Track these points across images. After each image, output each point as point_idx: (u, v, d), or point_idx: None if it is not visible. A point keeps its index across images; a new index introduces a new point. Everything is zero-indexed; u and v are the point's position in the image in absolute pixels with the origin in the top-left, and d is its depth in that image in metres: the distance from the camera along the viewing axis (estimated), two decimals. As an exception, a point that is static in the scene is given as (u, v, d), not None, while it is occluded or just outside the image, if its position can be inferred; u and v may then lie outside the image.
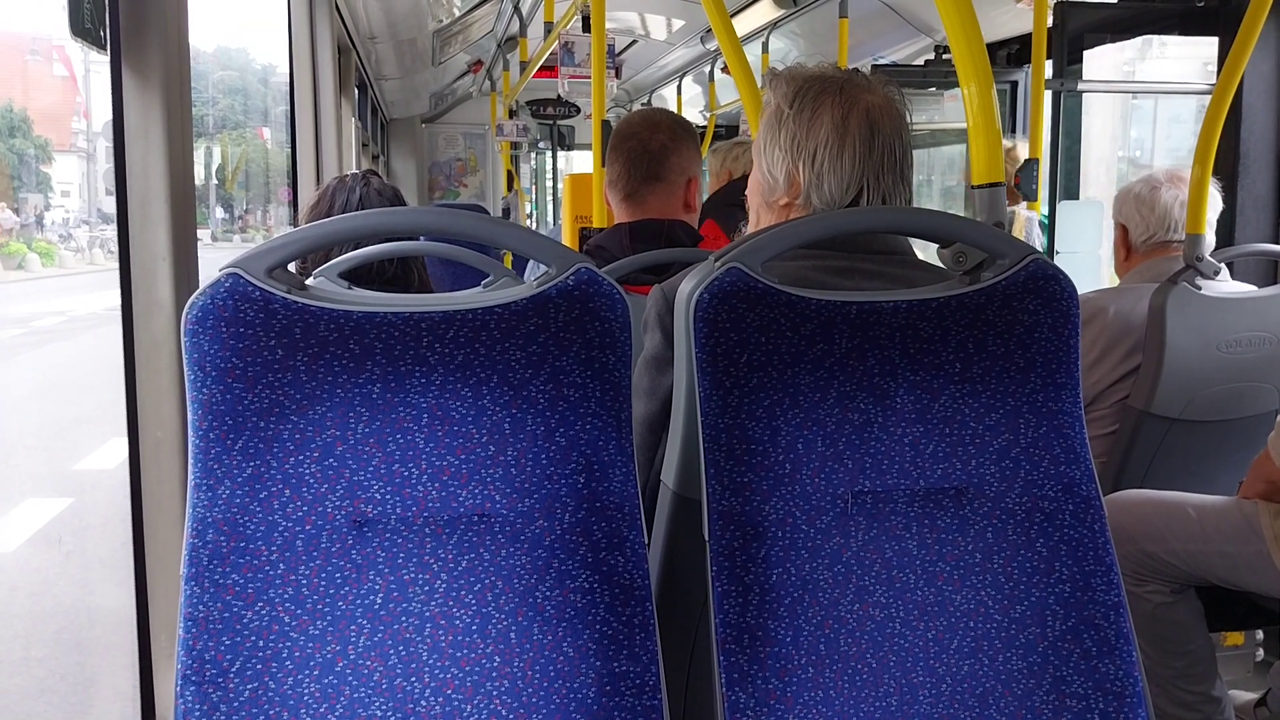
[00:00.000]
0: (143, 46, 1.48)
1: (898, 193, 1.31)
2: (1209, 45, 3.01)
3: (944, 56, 4.21)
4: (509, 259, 3.20)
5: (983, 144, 1.25)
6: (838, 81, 1.31)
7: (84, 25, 1.35)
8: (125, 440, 1.59)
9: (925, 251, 1.37)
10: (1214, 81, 2.26)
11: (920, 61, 4.52)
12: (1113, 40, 3.51)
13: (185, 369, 1.01)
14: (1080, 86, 3.33)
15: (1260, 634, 2.28)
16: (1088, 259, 3.20)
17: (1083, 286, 1.59)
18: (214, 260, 1.08)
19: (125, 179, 1.49)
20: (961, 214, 1.35)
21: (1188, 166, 2.15)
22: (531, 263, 1.98)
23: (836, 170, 1.29)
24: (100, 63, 1.49)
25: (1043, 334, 1.13)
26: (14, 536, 4.65)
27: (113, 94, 1.49)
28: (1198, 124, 2.12)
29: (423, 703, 1.03)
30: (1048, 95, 2.97)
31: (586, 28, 3.89)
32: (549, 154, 9.65)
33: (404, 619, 1.03)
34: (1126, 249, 2.35)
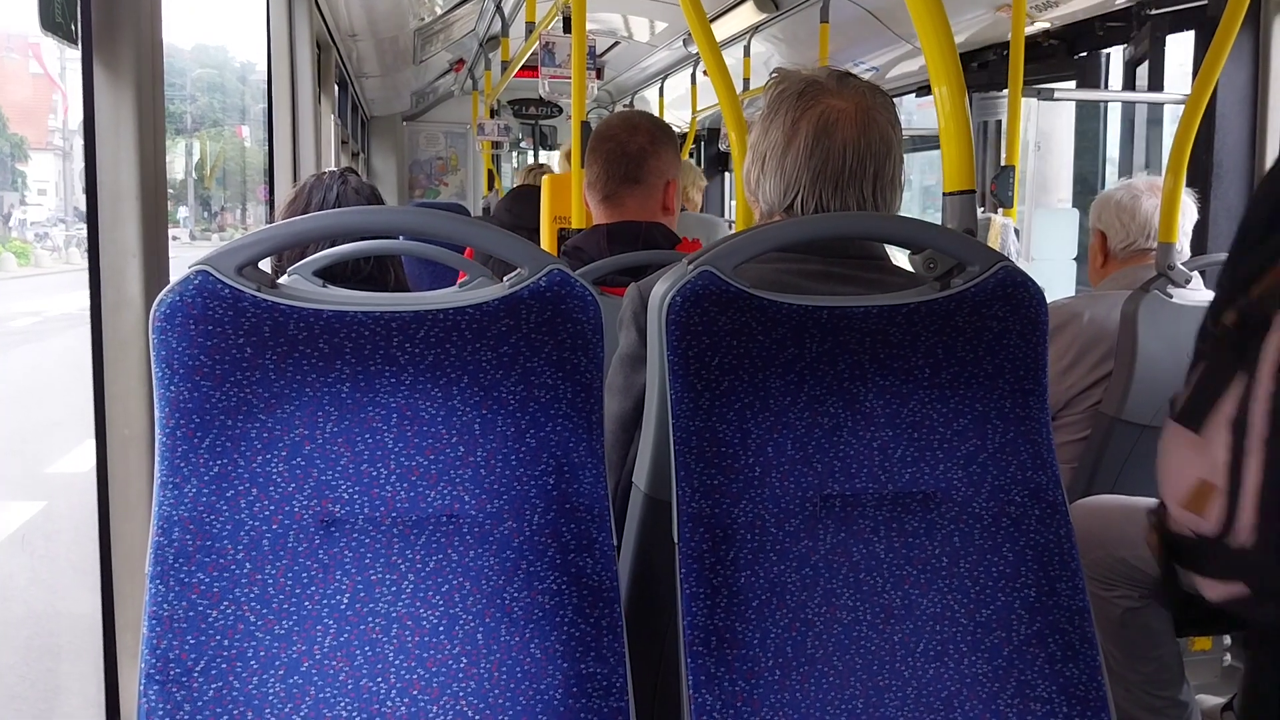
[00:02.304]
0: (114, 41, 1.47)
1: (840, 200, 1.26)
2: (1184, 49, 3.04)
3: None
4: None
5: (954, 149, 1.25)
6: (802, 84, 1.29)
7: (54, 20, 1.34)
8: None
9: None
10: (1188, 91, 2.28)
11: (915, 67, 4.52)
12: (1104, 47, 3.54)
13: (153, 366, 1.01)
14: (1057, 95, 3.35)
15: (1228, 639, 2.30)
16: (1061, 265, 3.23)
17: (1056, 293, 1.60)
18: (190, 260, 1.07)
19: (96, 174, 1.48)
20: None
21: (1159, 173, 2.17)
22: None
23: (777, 174, 1.28)
24: (76, 59, 1.47)
25: (1011, 340, 1.14)
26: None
27: (84, 89, 1.47)
28: (1170, 128, 2.15)
29: (388, 703, 1.02)
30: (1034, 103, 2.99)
31: (568, 28, 3.88)
32: (530, 154, 9.63)
33: (371, 619, 1.03)
34: (1104, 255, 2.36)
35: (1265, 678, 1.26)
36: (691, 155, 6.09)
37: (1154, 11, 3.05)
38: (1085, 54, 3.57)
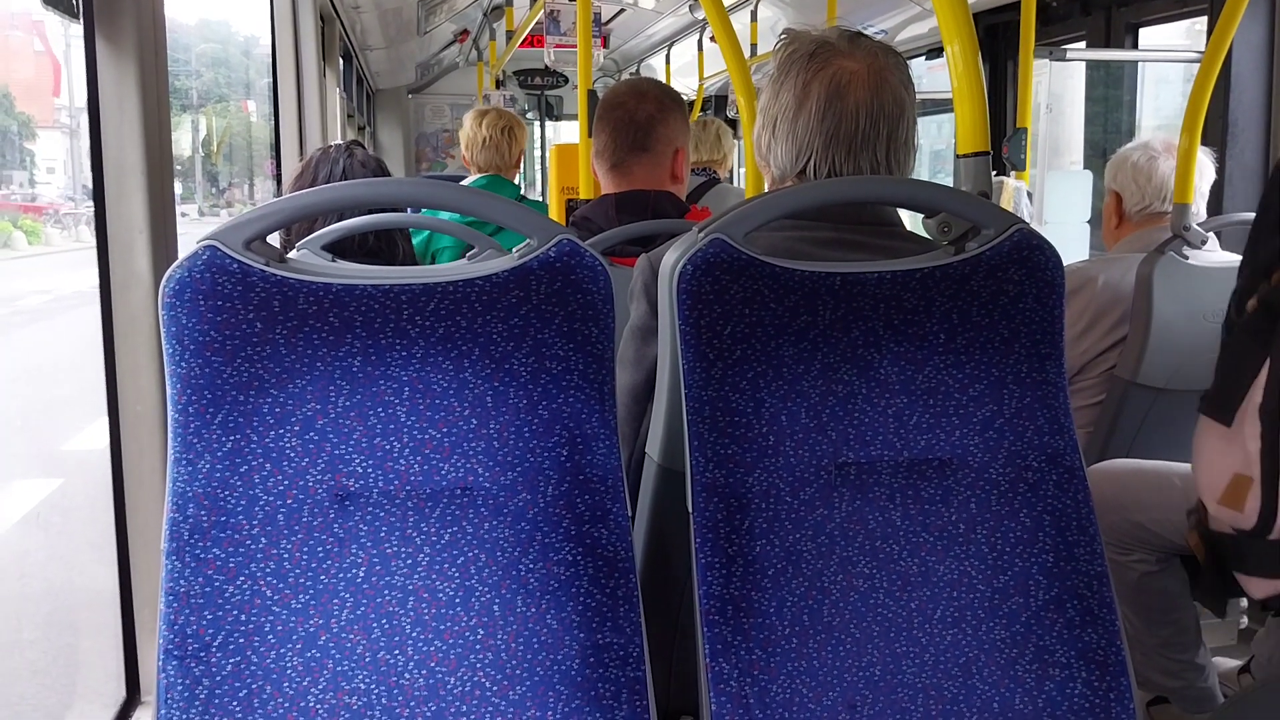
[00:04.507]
0: (116, 14, 1.45)
1: (854, 164, 1.24)
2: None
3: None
4: None
5: (968, 110, 1.23)
6: (813, 45, 1.26)
7: (55, -8, 1.32)
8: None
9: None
10: (1203, 49, 2.24)
11: (925, 29, 4.47)
12: (1117, 7, 3.49)
13: (163, 343, 1.00)
14: (1070, 55, 3.31)
15: (1244, 602, 2.29)
16: (1074, 229, 3.20)
17: (1070, 257, 1.58)
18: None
19: (101, 150, 1.46)
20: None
21: (1172, 132, 2.14)
22: None
23: (789, 138, 1.26)
24: (79, 36, 1.45)
25: (1027, 304, 1.13)
26: (3, 519, 4.61)
27: (86, 63, 1.46)
28: (1185, 87, 2.11)
29: (406, 675, 1.02)
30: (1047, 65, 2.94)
31: (573, -4, 3.84)
32: (536, 124, 9.57)
33: (387, 592, 1.03)
34: (1119, 217, 2.33)
35: None
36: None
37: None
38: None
